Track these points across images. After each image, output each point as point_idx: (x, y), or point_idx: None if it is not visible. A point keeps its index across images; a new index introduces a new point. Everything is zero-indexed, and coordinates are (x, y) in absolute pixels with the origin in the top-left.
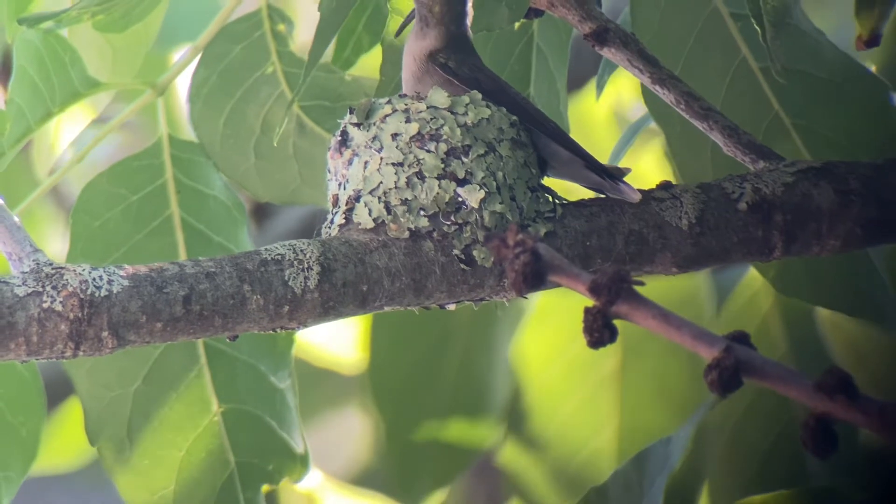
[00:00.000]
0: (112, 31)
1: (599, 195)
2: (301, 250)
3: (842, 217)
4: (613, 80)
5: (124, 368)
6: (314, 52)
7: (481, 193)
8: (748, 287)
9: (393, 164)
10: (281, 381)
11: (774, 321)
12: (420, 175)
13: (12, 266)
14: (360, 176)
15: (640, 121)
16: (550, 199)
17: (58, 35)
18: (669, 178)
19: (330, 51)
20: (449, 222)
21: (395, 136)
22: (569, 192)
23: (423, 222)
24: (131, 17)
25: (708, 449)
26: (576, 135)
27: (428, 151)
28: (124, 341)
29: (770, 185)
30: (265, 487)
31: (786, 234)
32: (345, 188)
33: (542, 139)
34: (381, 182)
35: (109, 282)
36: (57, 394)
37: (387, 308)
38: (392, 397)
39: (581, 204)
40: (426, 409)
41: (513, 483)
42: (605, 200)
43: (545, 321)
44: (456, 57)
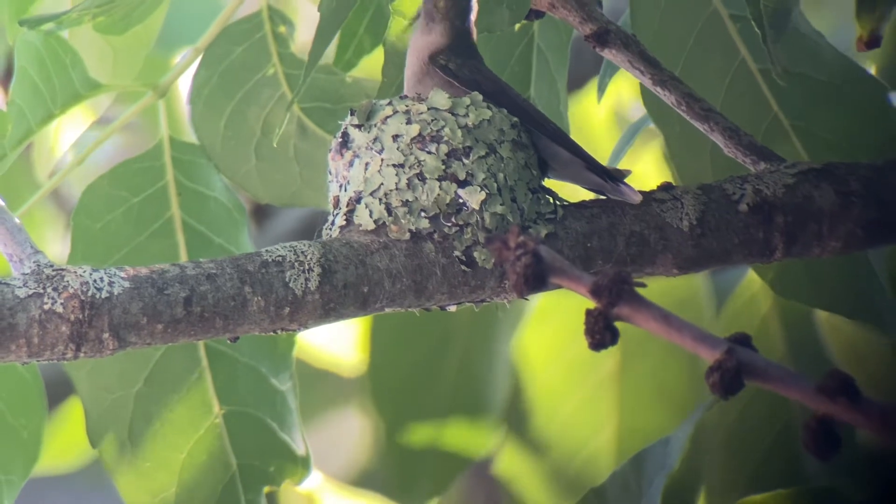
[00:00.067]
0: (113, 33)
1: (600, 196)
2: (302, 252)
3: (842, 218)
4: (613, 80)
5: (125, 370)
6: (314, 53)
7: (482, 195)
8: (747, 288)
9: (394, 165)
10: (282, 382)
11: (773, 323)
12: (421, 176)
13: (13, 268)
14: (361, 177)
15: (640, 122)
16: (551, 200)
17: (59, 37)
18: (669, 179)
19: (331, 52)
20: (450, 224)
21: (396, 137)
22: (569, 193)
23: (424, 224)
24: (132, 19)
25: (706, 449)
26: (575, 135)
27: (429, 153)
28: (125, 343)
29: (771, 186)
30: (266, 489)
31: (787, 235)
32: (346, 190)
33: (542, 140)
34: (382, 183)
35: (110, 283)
36: (56, 394)
37: (388, 309)
38: (392, 398)
39: (582, 205)
40: (426, 410)
41: (512, 484)
42: (606, 202)
43: (545, 322)
44: (457, 58)
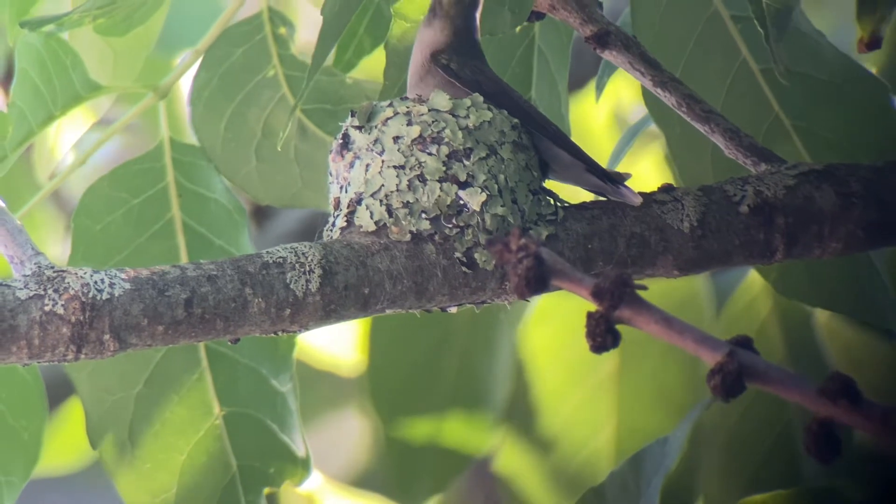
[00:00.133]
0: (113, 35)
1: (600, 198)
2: (303, 253)
3: (843, 219)
4: (613, 81)
5: (126, 372)
6: (317, 56)
7: (483, 196)
8: (747, 290)
9: (394, 166)
10: (282, 384)
11: (773, 325)
12: (422, 178)
13: (14, 269)
14: (362, 179)
15: (640, 123)
16: (552, 201)
17: (59, 38)
18: (669, 180)
19: (331, 54)
20: (450, 225)
21: (396, 138)
22: (570, 195)
23: (425, 225)
24: (132, 21)
25: (705, 450)
26: (575, 136)
27: (429, 154)
28: (126, 344)
29: (772, 187)
30: (266, 490)
31: (787, 236)
32: (346, 191)
33: (543, 142)
34: (383, 185)
35: (111, 285)
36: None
37: (388, 311)
38: (391, 399)
39: (582, 207)
40: (425, 410)
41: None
42: (607, 203)
43: (545, 322)
44: (458, 58)
